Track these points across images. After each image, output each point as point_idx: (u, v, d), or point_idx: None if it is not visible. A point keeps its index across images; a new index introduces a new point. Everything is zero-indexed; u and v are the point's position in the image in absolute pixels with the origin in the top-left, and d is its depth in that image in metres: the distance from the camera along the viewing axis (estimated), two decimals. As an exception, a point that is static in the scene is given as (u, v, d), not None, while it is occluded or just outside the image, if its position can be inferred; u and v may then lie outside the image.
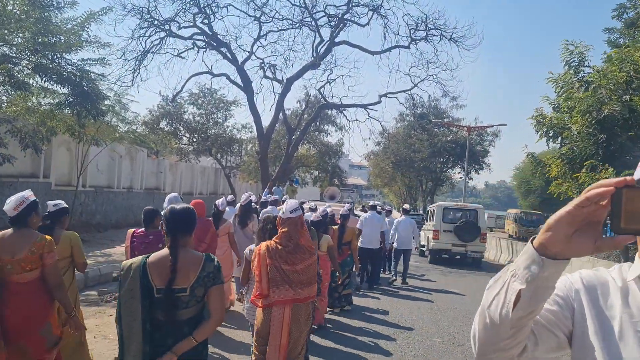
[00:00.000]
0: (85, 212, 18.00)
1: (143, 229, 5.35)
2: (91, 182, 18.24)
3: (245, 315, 5.61)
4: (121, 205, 20.28)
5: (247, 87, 24.90)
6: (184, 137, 32.60)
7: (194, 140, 31.85)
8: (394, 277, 12.98)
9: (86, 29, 15.31)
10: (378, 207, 13.21)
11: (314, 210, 10.06)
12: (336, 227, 9.77)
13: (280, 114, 26.30)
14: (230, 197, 12.66)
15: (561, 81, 11.83)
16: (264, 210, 11.54)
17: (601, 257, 13.53)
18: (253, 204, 10.41)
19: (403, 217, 13.17)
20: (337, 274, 8.16)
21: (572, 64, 11.34)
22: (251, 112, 25.22)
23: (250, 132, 31.80)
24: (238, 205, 10.04)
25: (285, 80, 25.13)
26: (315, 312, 5.60)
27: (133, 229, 5.45)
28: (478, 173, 40.96)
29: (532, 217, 42.01)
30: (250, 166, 36.71)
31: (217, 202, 8.64)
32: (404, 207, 13.65)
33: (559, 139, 11.65)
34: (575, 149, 11.09)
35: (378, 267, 12.61)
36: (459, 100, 39.07)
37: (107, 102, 15.91)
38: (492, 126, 29.64)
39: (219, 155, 31.01)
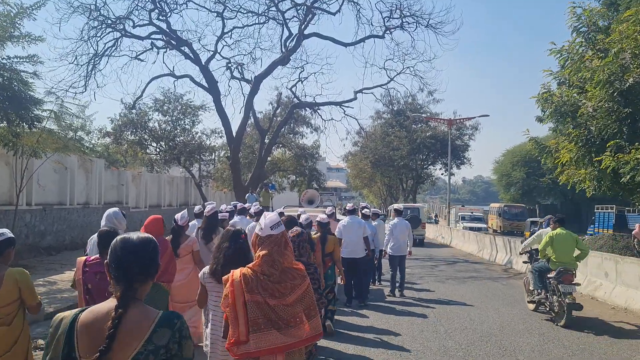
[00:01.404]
0: (32, 233, 15.71)
1: (97, 255, 4.42)
2: (38, 199, 15.96)
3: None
4: (76, 224, 18.00)
5: (212, 88, 22.80)
6: (150, 147, 30.31)
7: (161, 149, 29.58)
8: (390, 291, 11.05)
9: (17, 25, 13.22)
10: (367, 210, 11.29)
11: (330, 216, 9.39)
12: (316, 235, 7.93)
13: (251, 115, 24.24)
14: (197, 207, 10.66)
15: (566, 52, 10.07)
16: (231, 221, 9.63)
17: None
18: (221, 214, 8.68)
19: (396, 219, 11.23)
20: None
21: (581, 30, 9.56)
22: (219, 115, 23.11)
23: (221, 137, 29.67)
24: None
25: (253, 79, 23.08)
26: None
27: (85, 257, 4.48)
28: (459, 168, 39.47)
29: (516, 210, 40.68)
30: (223, 174, 34.60)
31: (176, 216, 6.85)
32: (395, 207, 11.68)
33: (569, 119, 9.85)
34: (592, 128, 9.30)
35: (366, 279, 10.69)
36: (436, 95, 37.55)
37: (45, 107, 13.76)
38: (474, 118, 28.05)
39: (187, 163, 28.78)
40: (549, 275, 8.79)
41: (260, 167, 24.01)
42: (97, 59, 21.85)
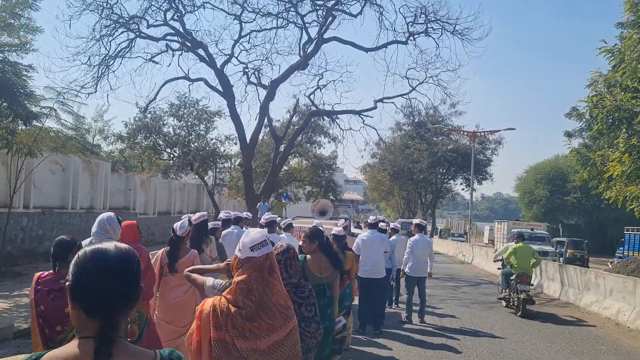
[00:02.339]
0: (29, 238, 14.73)
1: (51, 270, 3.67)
2: (37, 202, 15.01)
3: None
4: (78, 229, 16.98)
5: (227, 92, 21.81)
6: (164, 152, 29.42)
7: (175, 155, 28.66)
8: (406, 317, 9.72)
9: (18, 14, 12.38)
10: (382, 224, 10.04)
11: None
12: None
13: (266, 122, 23.17)
14: (199, 214, 9.50)
15: (619, 51, 8.73)
16: (223, 232, 8.57)
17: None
18: (213, 223, 7.64)
19: (417, 235, 9.91)
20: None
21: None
22: (233, 121, 22.10)
23: (235, 144, 28.64)
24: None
25: (269, 84, 22.03)
26: None
27: (40, 272, 3.70)
28: (481, 183, 37.89)
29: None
30: (238, 182, 33.58)
31: (175, 225, 5.79)
32: (417, 223, 10.32)
33: (624, 126, 8.50)
34: (651, 137, 7.94)
35: (383, 303, 9.41)
36: (459, 107, 36.12)
37: (45, 104, 12.82)
38: (499, 131, 26.60)
39: (201, 170, 27.79)
40: (511, 278, 11.28)
41: (273, 176, 22.89)
42: (110, 59, 21.06)
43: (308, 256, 5.25)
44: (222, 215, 10.17)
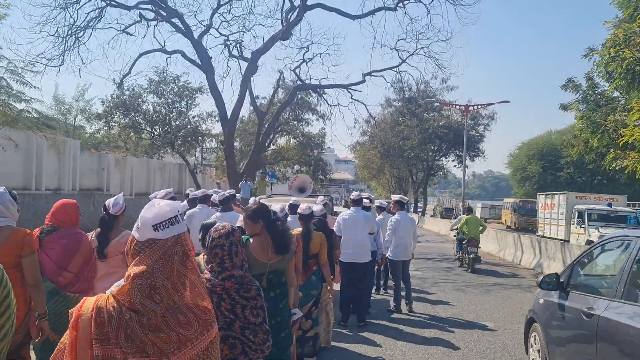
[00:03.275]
0: (-15, 222, 13.35)
1: None
2: (-6, 182, 13.61)
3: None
4: (44, 211, 15.57)
5: (206, 65, 20.33)
6: (144, 131, 27.91)
7: (155, 133, 27.17)
8: (395, 306, 8.53)
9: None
10: (367, 200, 8.80)
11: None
12: (298, 231, 5.57)
13: (248, 96, 21.69)
14: (164, 191, 8.25)
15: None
16: (188, 212, 7.38)
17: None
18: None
19: (398, 214, 8.66)
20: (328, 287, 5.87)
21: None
22: (212, 95, 20.66)
23: (218, 121, 27.20)
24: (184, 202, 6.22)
25: (250, 55, 20.56)
26: None
27: None
28: (473, 160, 36.71)
29: (532, 206, 37.90)
30: (224, 162, 32.15)
31: (107, 202, 4.74)
32: (397, 199, 8.84)
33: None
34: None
35: (368, 292, 8.23)
36: (450, 81, 34.73)
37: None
38: (493, 104, 25.27)
39: (182, 149, 26.37)
40: (463, 242, 13.82)
41: (257, 153, 21.57)
42: (79, 30, 19.49)
43: (251, 239, 4.05)
44: (188, 192, 8.96)
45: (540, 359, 5.01)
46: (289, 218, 7.22)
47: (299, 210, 5.90)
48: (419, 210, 42.24)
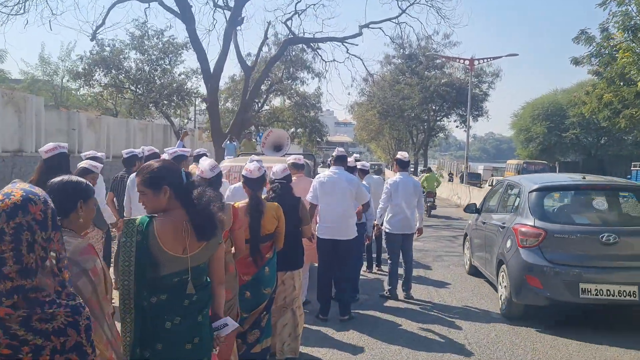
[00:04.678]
0: None
1: None
2: None
3: None
4: (2, 175, 13.84)
5: (185, 13, 18.12)
6: (128, 90, 25.81)
7: (138, 92, 25.08)
8: (389, 291, 6.76)
9: None
10: (353, 159, 6.98)
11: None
12: (243, 203, 3.69)
13: (235, 50, 19.52)
14: (89, 153, 6.56)
15: None
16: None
17: None
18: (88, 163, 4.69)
19: (399, 175, 6.81)
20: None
21: None
22: (193, 47, 18.58)
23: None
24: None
25: (234, 1, 18.32)
26: None
27: None
28: (476, 120, 34.57)
29: (537, 167, 35.97)
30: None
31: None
32: (399, 157, 6.96)
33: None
34: None
35: (354, 275, 6.48)
36: (453, 37, 32.31)
37: None
38: (499, 57, 22.96)
39: (166, 108, 24.35)
40: (423, 193, 13.75)
41: (244, 112, 19.57)
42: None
43: (155, 220, 2.22)
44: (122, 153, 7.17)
45: (468, 255, 8.26)
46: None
47: (243, 172, 4.06)
48: (420, 173, 40.40)
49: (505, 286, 5.95)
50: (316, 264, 6.14)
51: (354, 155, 9.97)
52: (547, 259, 5.51)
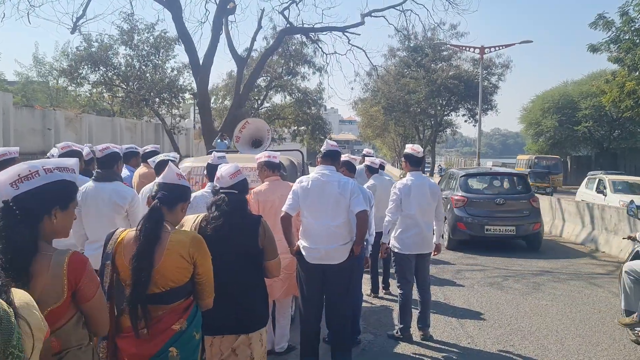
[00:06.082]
0: None
1: None
2: None
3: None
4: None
5: (171, 1, 16.43)
6: (119, 88, 24.13)
7: (128, 90, 23.40)
8: (400, 330, 4.97)
9: None
10: (353, 157, 5.26)
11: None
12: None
13: (223, 38, 17.77)
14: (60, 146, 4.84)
15: None
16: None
17: None
18: None
19: (410, 176, 5.01)
20: None
21: None
22: (180, 37, 16.93)
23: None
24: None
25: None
26: None
27: None
28: (486, 114, 32.60)
29: (549, 162, 34.03)
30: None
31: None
32: (408, 153, 5.00)
33: None
34: None
35: (351, 311, 4.69)
36: (460, 28, 30.44)
37: None
38: (512, 45, 20.98)
39: (156, 106, 22.65)
40: None
41: (237, 107, 17.88)
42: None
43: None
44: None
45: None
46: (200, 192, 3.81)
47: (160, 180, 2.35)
48: (426, 171, 38.58)
49: (447, 230, 9.55)
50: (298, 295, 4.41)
51: (366, 150, 8.22)
52: (468, 213, 9.55)
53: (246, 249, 2.70)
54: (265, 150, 6.42)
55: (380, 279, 6.57)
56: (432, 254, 5.11)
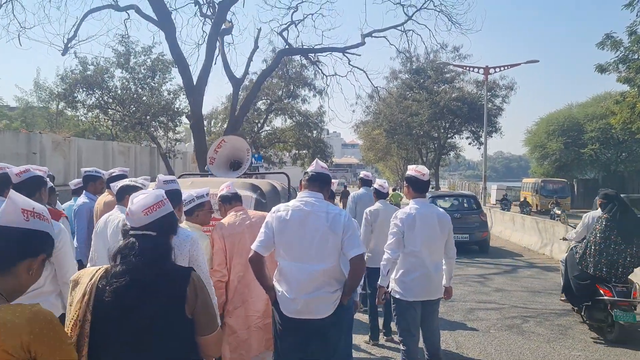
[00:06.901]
0: None
1: None
2: None
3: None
4: None
5: (164, 20, 15.77)
6: (116, 112, 23.44)
7: (124, 113, 22.71)
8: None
9: None
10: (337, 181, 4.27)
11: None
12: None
13: (219, 59, 17.08)
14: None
15: None
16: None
17: None
18: None
19: (414, 203, 4.05)
20: None
21: None
22: (173, 57, 16.23)
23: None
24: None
25: (217, 7, 15.97)
26: None
27: None
28: (490, 136, 31.77)
29: (555, 186, 32.99)
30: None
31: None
32: (411, 175, 4.01)
33: None
34: None
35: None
36: (462, 50, 29.76)
37: None
38: (518, 64, 20.25)
39: (152, 129, 21.90)
40: None
41: (233, 129, 17.05)
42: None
43: None
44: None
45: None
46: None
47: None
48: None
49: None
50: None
51: (363, 173, 7.29)
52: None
53: (165, 322, 1.76)
54: (245, 172, 5.54)
55: (381, 321, 5.59)
56: (444, 296, 4.13)
